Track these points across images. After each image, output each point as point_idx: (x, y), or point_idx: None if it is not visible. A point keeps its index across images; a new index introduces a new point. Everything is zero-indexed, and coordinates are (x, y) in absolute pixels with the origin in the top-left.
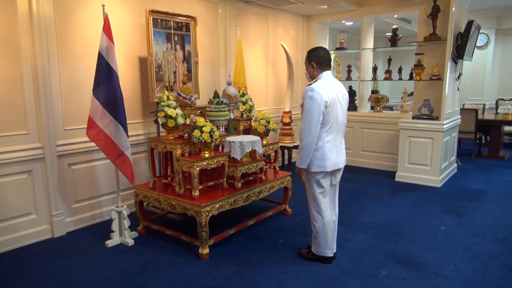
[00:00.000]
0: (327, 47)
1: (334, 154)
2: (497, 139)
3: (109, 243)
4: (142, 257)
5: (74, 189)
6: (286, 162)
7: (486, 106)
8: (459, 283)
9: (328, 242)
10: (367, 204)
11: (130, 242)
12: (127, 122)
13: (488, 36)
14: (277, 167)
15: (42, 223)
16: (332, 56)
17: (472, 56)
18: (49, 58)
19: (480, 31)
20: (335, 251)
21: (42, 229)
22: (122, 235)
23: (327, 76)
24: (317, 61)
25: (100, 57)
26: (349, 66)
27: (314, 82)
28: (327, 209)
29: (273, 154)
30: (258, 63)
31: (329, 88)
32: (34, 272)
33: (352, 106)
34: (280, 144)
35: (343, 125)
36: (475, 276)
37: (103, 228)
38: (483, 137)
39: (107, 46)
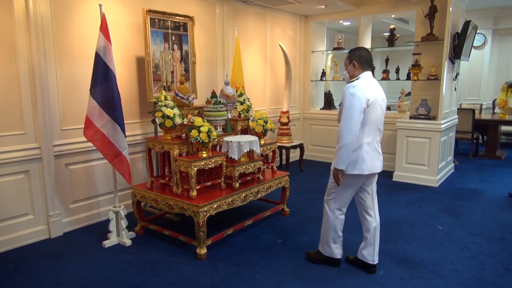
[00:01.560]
0: (324, 47)
1: (372, 157)
2: (494, 138)
3: (107, 243)
4: (140, 258)
5: (71, 190)
6: (284, 162)
7: (483, 106)
8: (457, 283)
9: (329, 240)
10: None
11: (128, 242)
12: (125, 122)
13: (485, 36)
14: (275, 167)
15: (39, 224)
16: (330, 56)
17: (469, 56)
18: (46, 58)
19: (477, 31)
20: (376, 260)
21: (39, 229)
22: (119, 236)
23: (367, 77)
24: (359, 60)
25: (97, 57)
26: None
27: (356, 80)
28: (341, 209)
29: (271, 154)
30: (256, 63)
31: (371, 88)
32: (31, 273)
33: None
34: (278, 144)
35: (381, 129)
36: (472, 275)
37: (101, 229)
38: (480, 137)
39: (104, 46)
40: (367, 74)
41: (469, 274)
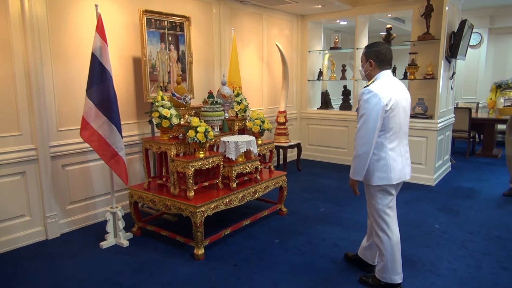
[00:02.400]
0: (321, 47)
1: (399, 164)
2: (491, 137)
3: (104, 244)
4: (137, 258)
5: (68, 191)
6: (281, 162)
7: (479, 105)
8: (453, 281)
9: (396, 266)
10: (362, 203)
11: (125, 243)
12: (121, 122)
13: (481, 35)
14: (272, 167)
15: (36, 225)
16: (326, 56)
17: (465, 55)
18: (42, 58)
19: (473, 31)
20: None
21: (36, 231)
22: (116, 236)
23: (386, 76)
24: (377, 58)
25: (94, 57)
26: (343, 66)
27: (372, 82)
28: (395, 226)
29: (268, 154)
30: (252, 63)
31: (390, 89)
32: (28, 275)
33: (347, 106)
34: (275, 144)
35: (407, 131)
36: (469, 273)
37: (98, 230)
38: (476, 136)
39: (100, 47)
40: (386, 73)
41: (466, 273)
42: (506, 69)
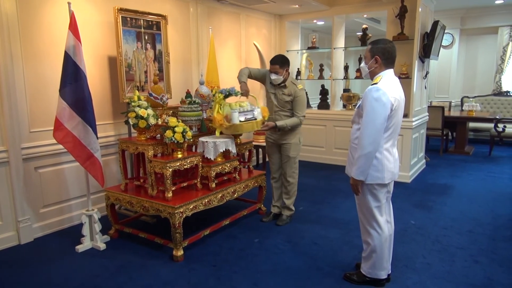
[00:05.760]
0: (299, 47)
1: (391, 163)
2: (463, 135)
3: (80, 248)
4: (115, 262)
5: (41, 194)
6: (260, 161)
7: (452, 104)
8: (428, 275)
9: (383, 262)
10: (341, 201)
11: (102, 246)
12: (97, 123)
13: (453, 36)
14: (251, 167)
15: (8, 230)
16: (304, 56)
17: (438, 55)
18: (12, 57)
19: (445, 31)
20: (389, 272)
21: (7, 236)
22: (93, 240)
23: (390, 76)
24: (383, 56)
25: (67, 56)
26: (321, 65)
27: (379, 81)
28: (385, 224)
29: (247, 153)
30: (230, 62)
31: (394, 89)
32: (1, 282)
33: (324, 105)
34: (254, 143)
35: (399, 131)
36: (442, 267)
37: (73, 233)
38: (449, 133)
39: (74, 45)
40: (390, 72)
41: (440, 267)
42: (476, 69)
